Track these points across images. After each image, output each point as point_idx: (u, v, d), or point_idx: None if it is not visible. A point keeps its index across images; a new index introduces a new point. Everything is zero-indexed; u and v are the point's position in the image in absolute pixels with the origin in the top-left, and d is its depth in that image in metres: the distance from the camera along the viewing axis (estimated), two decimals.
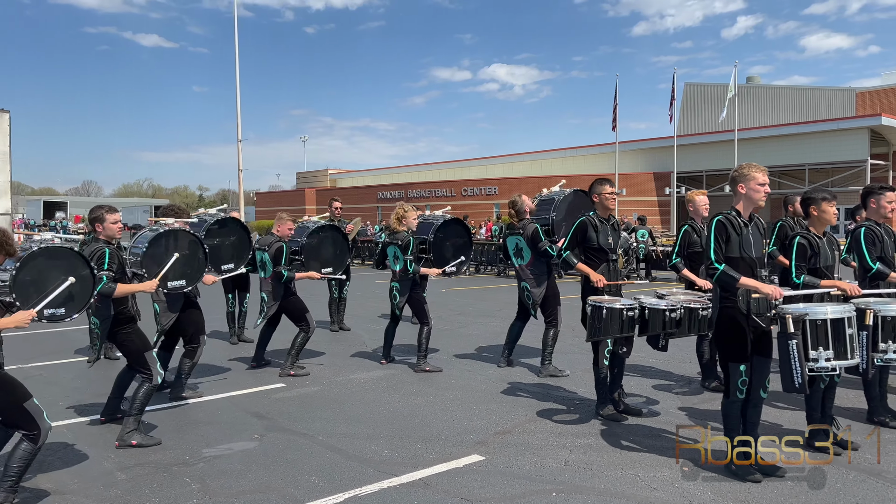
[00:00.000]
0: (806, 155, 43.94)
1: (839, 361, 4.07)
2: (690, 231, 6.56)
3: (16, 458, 4.03)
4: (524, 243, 7.18)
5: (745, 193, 4.33)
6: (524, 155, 61.10)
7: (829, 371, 4.08)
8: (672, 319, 5.30)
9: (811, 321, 4.03)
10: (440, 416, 5.84)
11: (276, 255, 7.18)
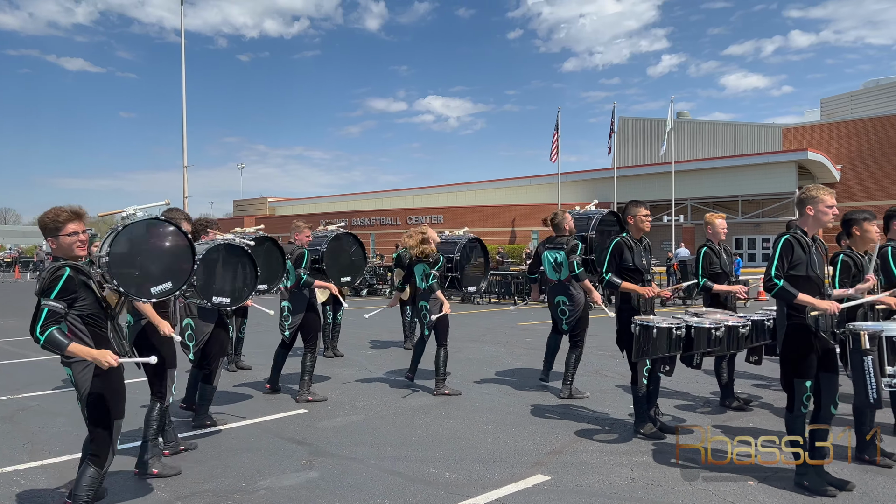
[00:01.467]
0: (738, 187, 46.03)
1: None
2: (710, 252, 6.78)
3: (83, 485, 3.77)
4: (564, 258, 7.28)
5: (812, 215, 4.51)
6: (469, 184, 61.77)
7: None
8: (717, 338, 5.46)
9: (887, 338, 4.20)
10: (483, 438, 5.78)
11: (297, 260, 7.08)
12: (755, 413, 6.59)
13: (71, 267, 3.69)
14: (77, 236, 3.76)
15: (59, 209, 3.77)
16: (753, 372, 8.29)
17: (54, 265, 3.68)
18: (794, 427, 4.49)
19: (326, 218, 60.85)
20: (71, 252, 3.76)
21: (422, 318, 7.57)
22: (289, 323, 7.16)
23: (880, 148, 43.08)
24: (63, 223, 3.74)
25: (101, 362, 3.59)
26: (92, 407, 3.77)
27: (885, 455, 5.05)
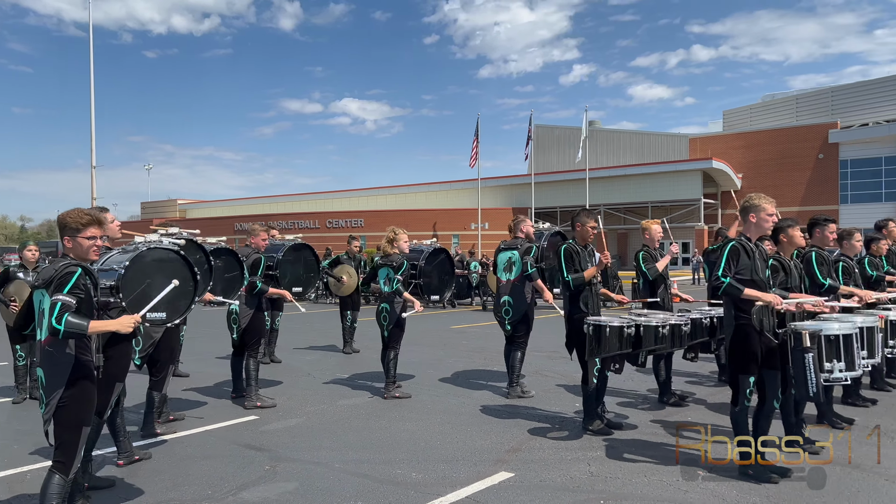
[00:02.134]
0: (648, 193, 48.07)
1: (850, 372, 4.66)
2: (648, 256, 7.15)
3: (50, 493, 3.64)
4: (518, 258, 7.48)
5: (755, 222, 4.87)
6: (389, 188, 61.66)
7: (843, 381, 4.66)
8: (663, 335, 5.78)
9: (825, 336, 4.60)
10: (442, 439, 5.90)
11: (252, 266, 6.97)
12: (691, 408, 6.99)
13: (82, 268, 3.71)
14: (95, 241, 3.83)
15: (82, 211, 3.86)
16: (687, 370, 8.76)
17: (66, 263, 3.68)
18: (738, 420, 4.83)
19: (240, 221, 59.70)
20: (87, 255, 3.82)
21: (381, 320, 7.60)
22: (237, 326, 7.08)
23: (777, 158, 46.01)
24: (85, 226, 3.79)
25: (124, 327, 3.74)
26: (62, 413, 3.66)
27: (810, 442, 5.49)
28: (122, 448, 5.18)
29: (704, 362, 8.99)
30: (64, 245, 3.83)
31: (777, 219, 4.96)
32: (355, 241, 11.85)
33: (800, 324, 4.73)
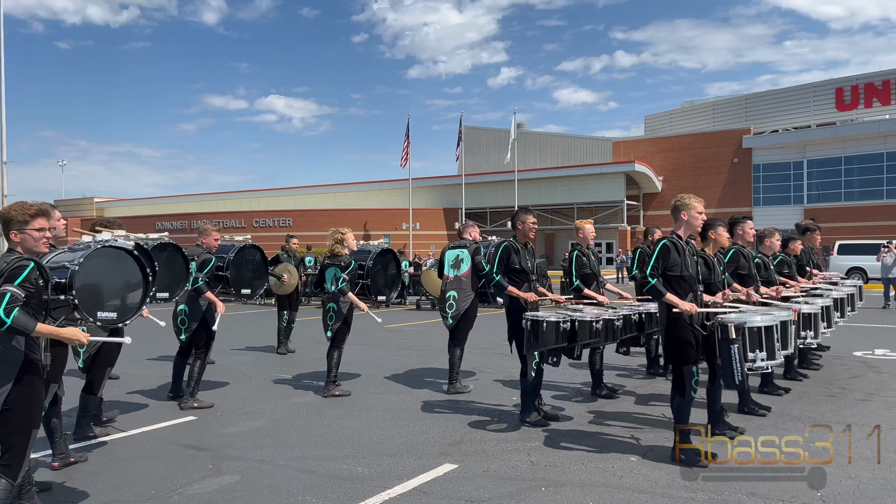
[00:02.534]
0: (574, 195, 49.35)
1: (771, 361, 5.02)
2: (581, 255, 7.43)
3: None
4: (466, 255, 7.69)
5: (686, 220, 5.18)
6: (318, 187, 60.98)
7: (765, 369, 5.01)
8: (597, 330, 6.04)
9: (749, 328, 4.94)
10: (384, 434, 5.98)
11: (201, 265, 6.92)
12: (622, 400, 7.31)
13: (35, 262, 3.65)
14: (44, 232, 3.81)
15: (27, 204, 3.79)
16: (617, 363, 9.11)
17: (17, 256, 3.63)
18: (682, 411, 5.11)
19: (162, 220, 57.84)
20: (37, 247, 3.80)
21: (327, 319, 7.61)
22: (185, 327, 7.00)
23: (695, 162, 48.01)
24: (33, 217, 3.77)
25: (73, 340, 3.76)
26: (10, 415, 3.55)
27: (732, 429, 5.85)
28: (58, 450, 5.03)
29: (633, 356, 9.39)
30: (10, 240, 3.76)
31: (705, 217, 5.28)
32: (294, 240, 11.75)
33: (726, 316, 5.05)
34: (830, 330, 7.69)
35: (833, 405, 6.92)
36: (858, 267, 27.79)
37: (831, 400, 7.15)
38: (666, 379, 8.35)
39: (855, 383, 7.98)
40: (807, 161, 44.74)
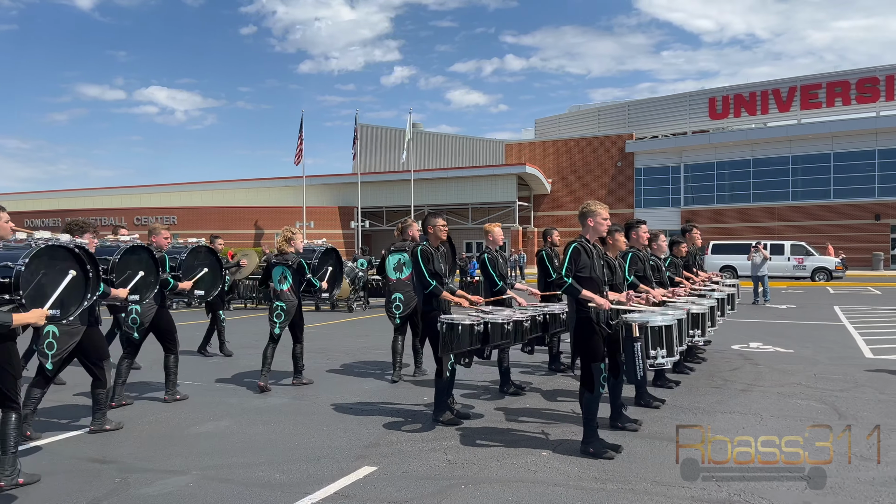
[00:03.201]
0: (468, 195, 50.24)
1: (670, 357, 5.39)
2: (491, 258, 7.64)
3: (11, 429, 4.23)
4: (406, 259, 8.04)
5: (593, 225, 5.46)
6: (206, 184, 58.75)
7: (665, 366, 5.36)
8: (507, 331, 6.25)
9: (651, 327, 5.29)
10: (299, 440, 5.92)
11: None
12: (528, 396, 7.57)
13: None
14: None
15: None
16: (520, 361, 9.41)
17: None
18: (591, 406, 5.37)
19: (32, 217, 53.80)
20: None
21: (275, 317, 7.99)
22: (137, 325, 7.09)
23: (582, 165, 50.08)
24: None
25: (39, 319, 4.17)
26: None
27: (631, 421, 6.23)
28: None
29: (540, 354, 9.75)
30: None
31: (610, 223, 5.59)
32: (219, 240, 11.38)
33: (629, 316, 5.40)
34: (714, 328, 8.31)
35: (719, 396, 7.49)
36: (730, 265, 30.01)
37: (717, 391, 7.73)
38: (565, 375, 8.74)
39: (736, 375, 8.66)
40: (683, 166, 47.71)
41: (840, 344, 11.41)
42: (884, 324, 14.37)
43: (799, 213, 43.11)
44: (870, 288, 26.79)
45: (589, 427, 5.37)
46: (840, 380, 8.32)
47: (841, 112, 43.63)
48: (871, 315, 16.23)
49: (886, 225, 41.20)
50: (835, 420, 6.43)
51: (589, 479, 4.89)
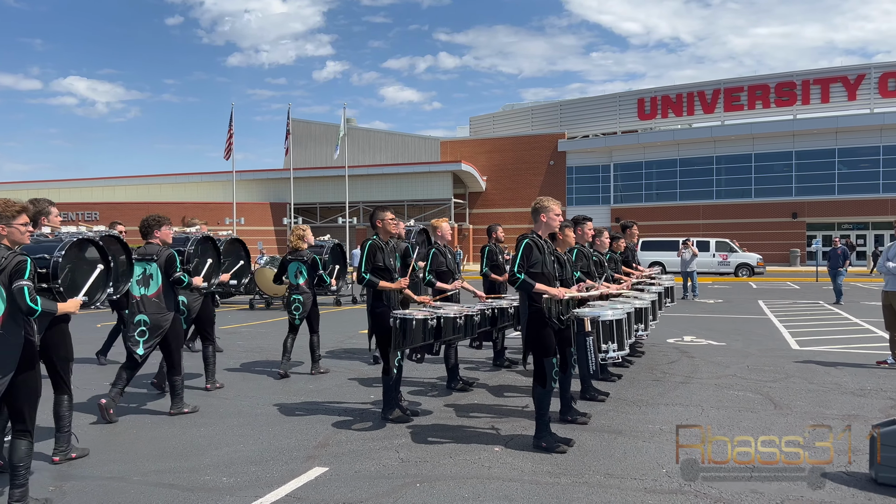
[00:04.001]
0: (404, 192, 50.10)
1: (620, 351, 5.44)
2: (438, 253, 7.60)
3: (22, 456, 4.19)
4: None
5: (545, 221, 5.47)
6: (130, 178, 56.63)
7: (616, 359, 5.42)
8: (459, 326, 6.22)
9: (602, 321, 5.33)
10: (245, 441, 5.72)
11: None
12: (475, 392, 7.57)
13: (29, 257, 4.09)
14: (28, 227, 4.25)
15: (10, 201, 4.22)
16: (469, 358, 9.40)
17: (11, 253, 4.04)
18: (543, 401, 5.37)
19: None
20: (22, 241, 4.22)
21: (293, 310, 8.46)
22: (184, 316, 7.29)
23: (516, 163, 50.66)
24: (19, 213, 4.18)
25: (77, 308, 4.55)
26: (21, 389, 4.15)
27: (580, 415, 6.30)
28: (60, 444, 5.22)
29: (485, 350, 9.76)
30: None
31: (562, 219, 5.62)
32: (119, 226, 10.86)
33: (581, 311, 5.44)
34: (655, 322, 8.51)
35: (660, 388, 7.67)
36: (658, 261, 30.95)
37: (657, 384, 7.91)
38: (510, 370, 8.79)
39: (674, 368, 8.90)
40: (613, 165, 48.92)
41: (768, 337, 11.89)
42: (805, 317, 15.08)
43: (722, 212, 44.86)
44: (789, 283, 28.10)
45: (541, 421, 5.39)
46: (771, 371, 8.66)
47: (761, 115, 45.61)
48: (792, 308, 17.01)
49: (802, 223, 43.35)
50: (770, 409, 6.68)
51: (543, 473, 4.90)
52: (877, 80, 42.56)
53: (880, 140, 41.75)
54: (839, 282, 18.37)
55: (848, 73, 43.87)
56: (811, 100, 44.10)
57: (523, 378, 8.34)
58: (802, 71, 45.19)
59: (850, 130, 42.13)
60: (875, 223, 42.17)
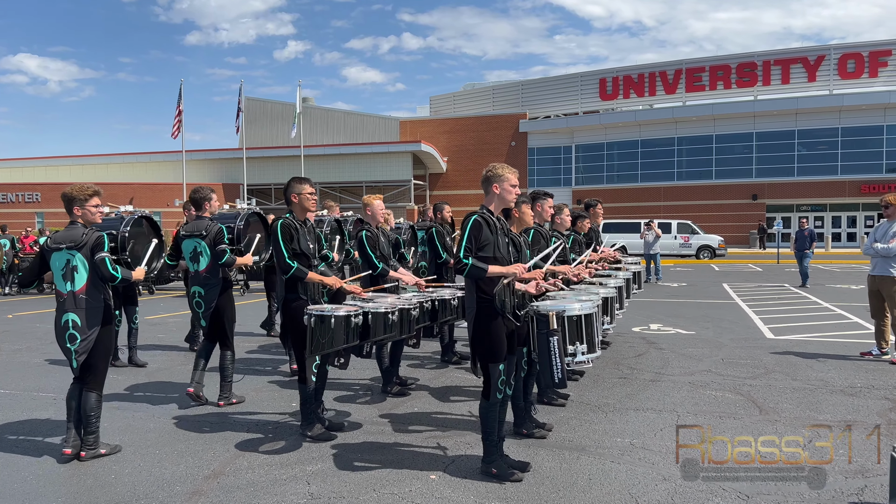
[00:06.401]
0: (362, 173, 48.63)
1: (591, 354, 4.30)
2: (369, 236, 6.48)
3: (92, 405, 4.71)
4: (205, 247, 6.22)
5: (498, 194, 4.37)
6: (75, 158, 53.92)
7: (586, 365, 4.28)
8: (392, 322, 5.12)
9: (568, 317, 4.19)
10: (119, 469, 4.56)
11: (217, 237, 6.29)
12: (416, 396, 6.51)
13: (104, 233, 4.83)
14: (99, 208, 4.85)
15: (84, 185, 4.83)
16: (411, 353, 8.31)
17: (89, 229, 4.73)
18: (487, 417, 4.31)
19: None
20: (95, 221, 4.82)
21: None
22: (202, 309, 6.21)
23: (477, 144, 49.55)
24: (90, 196, 4.77)
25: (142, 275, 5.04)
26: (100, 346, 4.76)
27: (539, 426, 5.28)
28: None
29: (425, 343, 8.71)
30: (73, 214, 4.77)
31: (519, 192, 4.54)
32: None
33: (542, 304, 4.33)
34: (623, 311, 7.55)
35: (628, 388, 6.72)
36: (619, 244, 30.26)
37: (625, 383, 6.96)
38: (459, 367, 7.77)
39: (642, 362, 7.96)
40: (575, 146, 48.13)
41: (739, 324, 11.09)
42: (773, 301, 14.37)
43: (683, 193, 44.46)
44: (751, 265, 27.66)
45: (488, 441, 4.34)
46: (749, 365, 7.79)
47: (723, 95, 45.18)
48: (759, 292, 16.33)
49: (762, 205, 43.20)
50: (755, 414, 5.77)
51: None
52: (836, 62, 42.44)
53: (839, 122, 41.71)
54: (805, 264, 17.80)
55: (808, 54, 43.66)
56: (772, 81, 43.81)
57: (472, 377, 7.31)
58: (763, 52, 44.86)
59: (809, 112, 41.98)
60: (833, 205, 42.26)
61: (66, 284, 4.67)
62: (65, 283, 4.67)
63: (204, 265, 6.21)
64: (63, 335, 4.71)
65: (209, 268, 6.20)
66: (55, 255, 4.70)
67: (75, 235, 4.67)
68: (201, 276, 6.22)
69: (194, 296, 6.26)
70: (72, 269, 4.65)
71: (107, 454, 4.85)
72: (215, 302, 6.16)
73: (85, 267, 4.65)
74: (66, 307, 4.68)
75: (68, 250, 4.66)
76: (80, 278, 4.65)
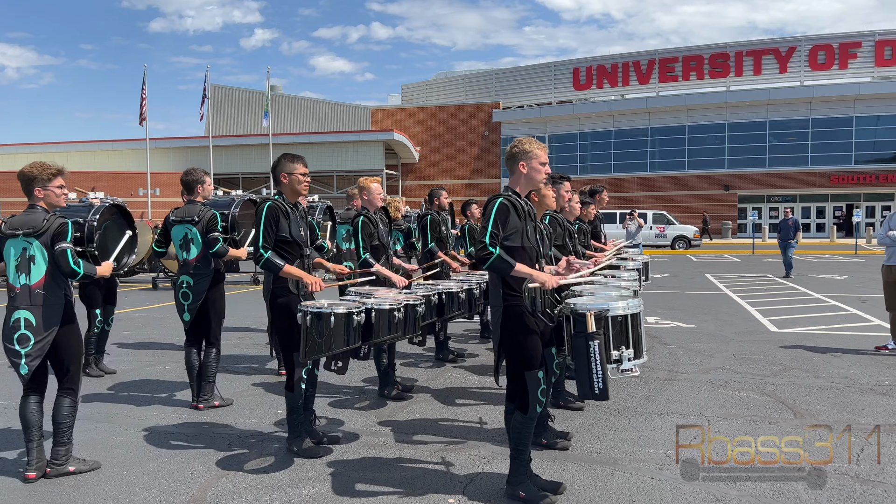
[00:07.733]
0: (333, 162, 47.61)
1: (638, 360, 3.66)
2: (367, 222, 5.83)
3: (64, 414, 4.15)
4: (196, 234, 5.58)
5: (526, 173, 3.75)
6: (31, 146, 51.95)
7: (633, 374, 3.65)
8: (398, 321, 4.49)
9: (612, 318, 3.56)
10: (82, 494, 3.87)
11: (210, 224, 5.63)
12: (417, 400, 5.88)
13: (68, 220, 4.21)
14: (63, 190, 4.26)
15: (44, 163, 4.21)
16: (404, 352, 7.65)
17: (51, 215, 4.13)
18: (524, 431, 3.69)
19: None
20: (58, 204, 4.26)
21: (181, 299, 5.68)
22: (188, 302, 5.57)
23: (450, 133, 48.90)
24: (53, 176, 4.18)
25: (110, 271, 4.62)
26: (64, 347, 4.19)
27: (560, 436, 4.71)
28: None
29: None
30: (34, 196, 4.16)
31: (549, 170, 3.92)
32: None
33: (579, 301, 3.71)
34: None
35: (644, 389, 6.19)
36: None
37: (639, 383, 6.41)
38: (457, 366, 7.17)
39: (650, 359, 7.42)
40: (548, 136, 47.72)
41: (737, 317, 10.68)
42: (764, 292, 14.05)
43: (656, 184, 44.42)
44: (727, 255, 27.54)
45: (519, 460, 3.73)
46: (764, 361, 7.33)
47: (695, 86, 45.17)
48: (745, 283, 16.04)
49: (734, 196, 43.37)
50: (790, 417, 5.28)
51: None
52: (807, 53, 42.67)
53: (810, 113, 41.96)
54: (789, 254, 17.58)
55: (780, 45, 43.84)
56: (744, 72, 43.89)
57: (474, 377, 6.73)
58: (736, 42, 44.93)
59: (781, 103, 42.16)
60: (803, 196, 42.57)
61: (19, 277, 4.08)
62: (18, 275, 4.08)
63: (194, 254, 5.60)
64: (11, 336, 4.09)
65: (200, 256, 5.57)
66: (10, 242, 4.10)
67: (35, 221, 4.07)
68: (191, 265, 5.58)
69: (181, 286, 5.59)
70: (28, 260, 4.06)
71: (76, 472, 4.17)
72: (204, 294, 5.52)
73: (44, 258, 4.06)
74: (18, 303, 4.08)
75: (25, 237, 4.06)
76: (38, 271, 4.06)
